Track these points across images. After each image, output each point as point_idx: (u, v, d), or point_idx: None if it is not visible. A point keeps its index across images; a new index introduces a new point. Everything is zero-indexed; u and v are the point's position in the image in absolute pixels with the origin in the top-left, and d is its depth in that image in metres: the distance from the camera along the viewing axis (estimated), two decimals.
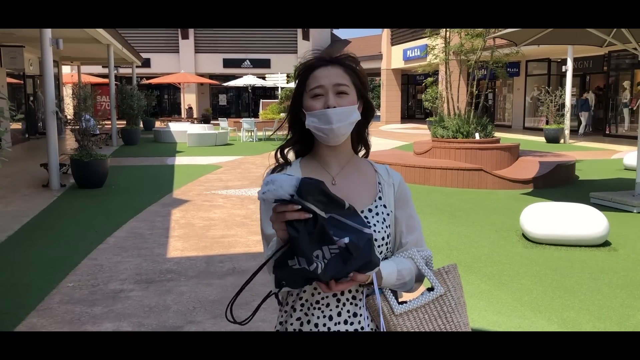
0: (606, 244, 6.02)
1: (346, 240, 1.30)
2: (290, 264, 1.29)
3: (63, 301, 4.48)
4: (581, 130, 21.86)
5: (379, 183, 1.63)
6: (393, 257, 1.59)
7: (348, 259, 1.30)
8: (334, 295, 1.50)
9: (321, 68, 1.55)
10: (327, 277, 1.32)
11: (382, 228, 1.55)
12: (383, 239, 1.55)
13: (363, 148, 1.71)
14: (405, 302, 1.54)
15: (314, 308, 1.51)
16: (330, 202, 1.30)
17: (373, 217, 1.55)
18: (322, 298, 1.51)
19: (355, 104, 1.56)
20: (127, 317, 4.15)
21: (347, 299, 1.51)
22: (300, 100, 1.58)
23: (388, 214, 1.60)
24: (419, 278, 1.60)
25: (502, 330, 3.90)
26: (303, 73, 1.57)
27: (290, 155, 1.70)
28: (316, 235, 1.26)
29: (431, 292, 1.55)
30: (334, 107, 1.50)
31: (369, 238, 1.33)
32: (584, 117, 21.92)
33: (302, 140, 1.66)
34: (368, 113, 1.65)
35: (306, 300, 1.52)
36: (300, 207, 1.22)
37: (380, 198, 1.60)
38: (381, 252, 1.54)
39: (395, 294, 1.56)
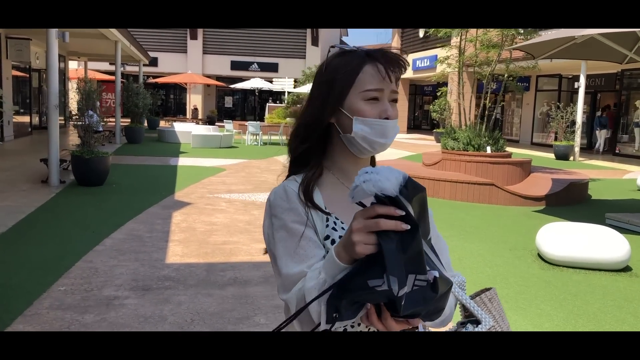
0: (627, 268, 5.73)
1: (436, 273, 0.99)
2: (372, 285, 0.97)
3: (53, 306, 4.20)
4: (599, 147, 21.43)
5: None
6: None
7: (430, 299, 0.99)
8: (367, 328, 1.21)
9: (381, 66, 1.23)
10: (406, 312, 1.00)
11: None
12: None
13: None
14: None
15: None
16: (423, 221, 1.02)
17: None
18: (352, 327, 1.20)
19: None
20: (119, 328, 3.86)
21: None
22: (342, 97, 1.25)
23: None
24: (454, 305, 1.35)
25: None
26: (352, 68, 1.24)
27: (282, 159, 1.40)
28: (413, 252, 0.95)
29: (479, 325, 1.29)
30: (393, 118, 1.25)
31: (448, 282, 1.04)
32: (601, 135, 21.54)
33: (312, 150, 1.32)
34: None
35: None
36: (404, 213, 0.93)
37: None
38: None
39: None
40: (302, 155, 1.32)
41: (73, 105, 10.09)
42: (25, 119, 19.33)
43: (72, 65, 28.07)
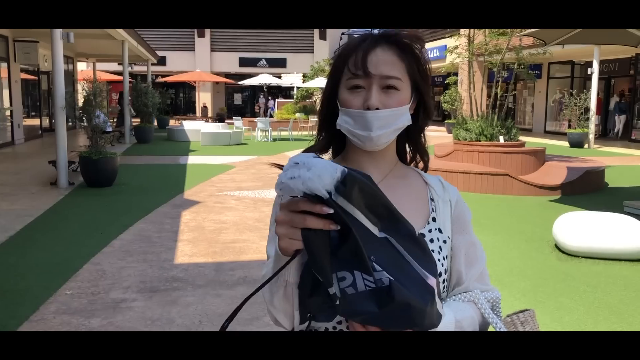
0: None
1: (389, 278, 0.89)
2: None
3: (59, 311, 4.12)
4: (618, 132, 21.11)
5: (432, 199, 1.22)
6: (449, 301, 1.18)
7: (385, 304, 0.89)
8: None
9: (368, 50, 1.11)
10: (346, 313, 0.93)
11: (439, 260, 1.15)
12: (440, 274, 1.14)
13: (417, 160, 1.29)
14: None
15: None
16: (392, 219, 0.90)
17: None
18: None
19: (407, 104, 1.14)
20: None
21: None
22: (336, 88, 1.16)
23: (445, 241, 1.19)
24: (483, 327, 1.20)
25: None
26: (342, 54, 1.15)
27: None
28: (346, 252, 0.87)
29: None
30: (377, 108, 1.09)
31: (430, 292, 0.92)
32: (620, 120, 21.15)
33: (334, 140, 1.24)
34: (422, 114, 1.21)
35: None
36: (332, 211, 0.83)
37: (434, 220, 1.19)
38: (441, 298, 1.13)
39: None
40: (324, 148, 1.25)
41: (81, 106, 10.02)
42: (36, 121, 19.39)
43: (81, 66, 28.14)
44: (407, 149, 1.29)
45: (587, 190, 9.42)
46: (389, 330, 0.95)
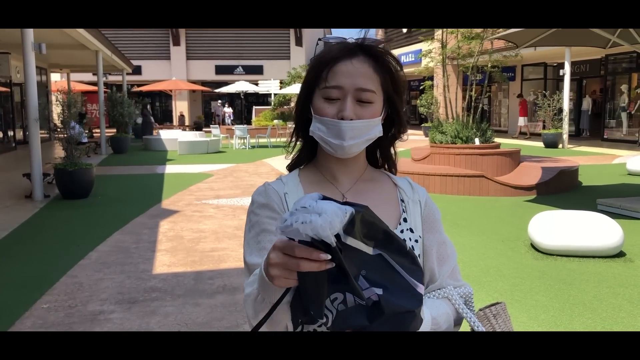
0: (620, 254, 5.67)
1: (378, 293, 0.92)
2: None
3: (35, 325, 4.07)
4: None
5: (402, 200, 1.26)
6: (425, 298, 1.21)
7: (375, 318, 0.93)
8: None
9: (344, 61, 1.15)
10: (336, 328, 0.96)
11: None
12: None
13: (385, 165, 1.34)
14: None
15: None
16: (388, 241, 0.94)
17: None
18: None
19: (378, 116, 1.18)
20: None
21: None
22: (311, 95, 1.19)
23: (417, 240, 1.23)
24: (457, 322, 1.24)
25: None
26: (320, 63, 1.18)
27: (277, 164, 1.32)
28: (339, 281, 0.90)
29: None
30: (351, 119, 1.13)
31: (418, 298, 0.96)
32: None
33: (305, 145, 1.28)
34: (394, 126, 1.26)
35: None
36: (330, 257, 0.84)
37: (405, 220, 1.23)
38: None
39: None
40: (306, 158, 1.30)
41: (56, 118, 9.91)
42: (9, 134, 19.08)
43: (55, 77, 27.79)
44: (378, 156, 1.33)
45: (561, 189, 9.59)
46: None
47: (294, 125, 1.29)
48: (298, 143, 1.30)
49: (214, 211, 8.26)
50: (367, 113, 1.15)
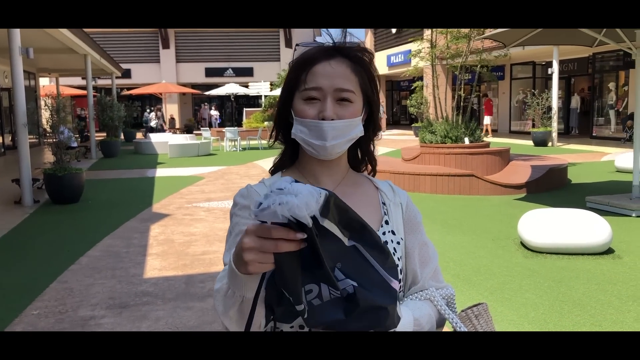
0: (609, 251, 5.71)
1: (352, 285, 0.93)
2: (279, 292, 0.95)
3: (26, 332, 4.05)
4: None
5: (383, 203, 1.28)
6: (407, 300, 1.23)
7: (350, 311, 0.94)
8: None
9: (322, 63, 1.17)
10: (314, 324, 0.96)
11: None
12: None
13: (366, 164, 1.35)
14: None
15: None
16: (361, 229, 0.94)
17: None
18: None
19: (359, 115, 1.20)
20: None
21: None
22: (291, 98, 1.20)
23: (399, 243, 1.24)
24: (440, 323, 1.26)
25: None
26: (298, 66, 1.19)
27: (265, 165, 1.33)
28: (313, 267, 0.90)
29: None
30: (332, 119, 1.14)
31: (393, 294, 0.97)
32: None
33: (287, 148, 1.30)
34: (372, 123, 1.27)
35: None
36: (306, 236, 0.84)
37: (387, 222, 1.25)
38: (399, 301, 1.18)
39: None
40: (290, 160, 1.30)
41: (46, 122, 9.85)
42: None
43: (44, 81, 27.64)
44: (359, 155, 1.34)
45: (551, 187, 9.65)
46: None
47: (273, 126, 1.30)
48: (280, 145, 1.31)
49: (204, 214, 8.25)
50: (347, 113, 1.16)
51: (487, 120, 23.41)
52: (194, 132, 25.45)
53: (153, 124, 25.23)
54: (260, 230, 0.86)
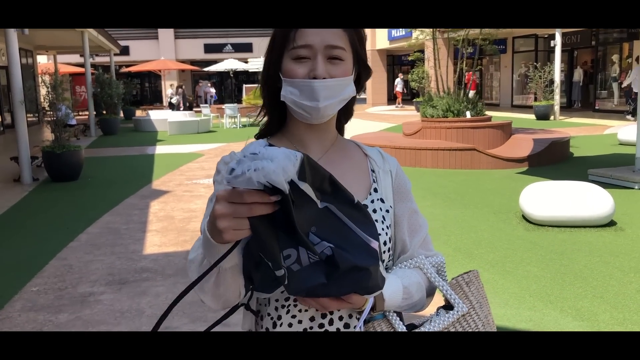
0: (611, 223, 5.68)
1: (330, 247, 0.89)
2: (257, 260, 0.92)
3: (25, 308, 4.04)
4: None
5: (372, 170, 1.23)
6: (396, 268, 1.19)
7: (331, 273, 0.90)
8: (323, 316, 1.10)
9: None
10: (296, 291, 0.93)
11: (382, 229, 1.15)
12: (385, 243, 1.16)
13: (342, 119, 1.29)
14: (416, 326, 1.15)
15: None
16: (336, 193, 0.91)
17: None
18: (303, 315, 1.10)
19: (351, 74, 1.13)
20: (95, 325, 3.72)
21: (338, 328, 1.11)
22: (279, 60, 1.13)
23: (387, 210, 1.19)
24: (430, 291, 1.22)
25: (512, 324, 3.53)
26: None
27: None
28: (288, 230, 0.86)
29: (450, 311, 1.16)
30: (324, 77, 1.08)
31: (373, 255, 0.93)
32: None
33: (273, 115, 1.22)
34: (362, 78, 1.21)
35: (281, 321, 1.12)
36: (280, 198, 0.81)
37: (375, 190, 1.20)
38: (382, 262, 1.14)
39: (400, 315, 1.17)
40: (276, 128, 1.23)
41: (43, 100, 9.76)
42: None
43: (41, 59, 27.41)
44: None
45: (553, 161, 9.59)
46: (337, 297, 0.96)
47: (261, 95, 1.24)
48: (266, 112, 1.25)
49: (204, 191, 8.21)
50: (339, 71, 1.10)
51: (470, 94, 23.19)
52: (194, 109, 25.31)
53: (174, 100, 25.03)
54: (232, 196, 0.82)
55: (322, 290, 0.92)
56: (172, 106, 25.11)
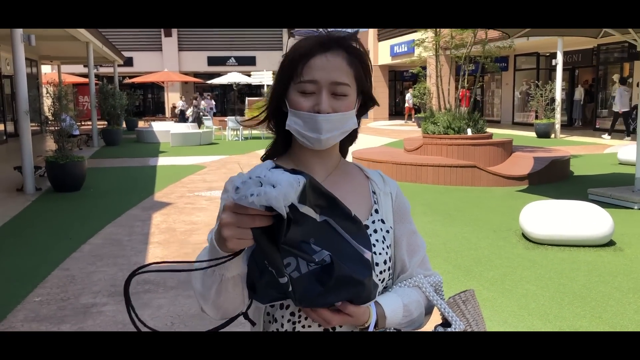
0: (610, 243, 5.71)
1: (329, 255, 0.96)
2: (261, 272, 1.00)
3: (28, 319, 4.07)
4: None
5: (374, 192, 1.29)
6: (396, 287, 1.25)
7: (327, 281, 0.96)
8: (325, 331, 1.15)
9: (319, 56, 1.16)
10: (301, 302, 0.99)
11: (383, 249, 1.21)
12: (385, 262, 1.21)
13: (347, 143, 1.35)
14: None
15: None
16: (334, 208, 0.97)
17: (371, 235, 1.20)
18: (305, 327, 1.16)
19: (353, 108, 1.19)
20: None
21: None
22: (286, 88, 1.20)
23: (388, 231, 1.25)
24: (428, 309, 1.28)
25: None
26: (294, 57, 1.18)
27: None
28: (288, 241, 0.92)
29: (448, 328, 1.22)
30: (327, 112, 1.14)
31: (367, 265, 1.01)
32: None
33: (279, 137, 1.29)
34: (367, 106, 1.28)
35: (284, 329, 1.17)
36: (276, 213, 0.86)
37: (377, 211, 1.26)
38: (382, 280, 1.20)
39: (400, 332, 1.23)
40: (282, 150, 1.30)
41: (46, 110, 9.84)
42: (0, 127, 18.96)
43: (46, 69, 27.59)
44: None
45: (553, 179, 9.63)
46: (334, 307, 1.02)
47: (265, 111, 1.29)
48: (272, 135, 1.31)
49: (206, 203, 8.26)
50: (342, 106, 1.17)
51: (462, 110, 23.26)
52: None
53: (190, 112, 24.90)
54: (237, 207, 0.88)
55: (319, 299, 0.98)
56: (182, 117, 25.01)
